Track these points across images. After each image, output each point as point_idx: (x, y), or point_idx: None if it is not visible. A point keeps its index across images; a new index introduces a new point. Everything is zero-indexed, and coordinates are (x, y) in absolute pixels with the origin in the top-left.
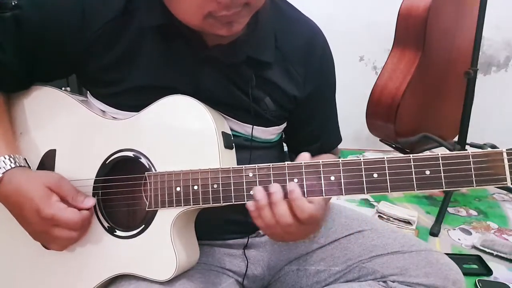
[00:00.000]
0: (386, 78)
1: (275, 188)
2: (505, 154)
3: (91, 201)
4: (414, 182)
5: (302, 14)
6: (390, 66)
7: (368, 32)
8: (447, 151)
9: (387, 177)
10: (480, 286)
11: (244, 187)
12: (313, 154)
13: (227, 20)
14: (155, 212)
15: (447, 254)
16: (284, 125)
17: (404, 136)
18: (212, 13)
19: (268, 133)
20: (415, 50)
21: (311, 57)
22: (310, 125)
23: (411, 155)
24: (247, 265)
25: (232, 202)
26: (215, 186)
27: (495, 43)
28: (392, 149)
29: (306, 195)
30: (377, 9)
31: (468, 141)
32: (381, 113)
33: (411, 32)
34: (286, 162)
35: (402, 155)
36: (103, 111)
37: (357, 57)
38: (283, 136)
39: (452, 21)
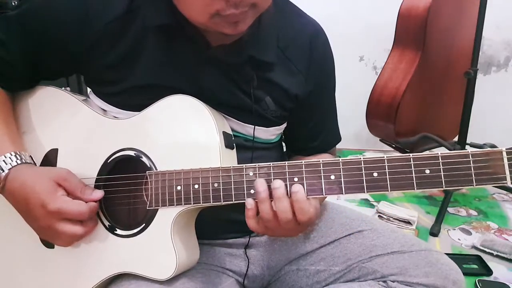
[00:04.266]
0: (386, 78)
1: (278, 183)
2: (504, 154)
3: (99, 194)
4: (414, 181)
5: (303, 13)
6: (390, 66)
7: (368, 32)
8: (447, 151)
9: (387, 176)
10: (480, 286)
11: (245, 185)
12: (312, 153)
13: (234, 20)
14: (155, 211)
15: (447, 254)
16: (285, 125)
17: (404, 136)
18: (219, 12)
19: (269, 133)
20: (415, 50)
21: (313, 54)
22: (310, 121)
23: (411, 154)
24: (248, 264)
25: (232, 201)
26: (216, 185)
27: (495, 43)
28: (392, 149)
29: (306, 194)
30: (377, 9)
31: (468, 141)
32: (381, 113)
33: (411, 32)
34: (286, 162)
35: (402, 154)
36: (105, 110)
37: (357, 57)
38: (282, 136)
39: (452, 21)
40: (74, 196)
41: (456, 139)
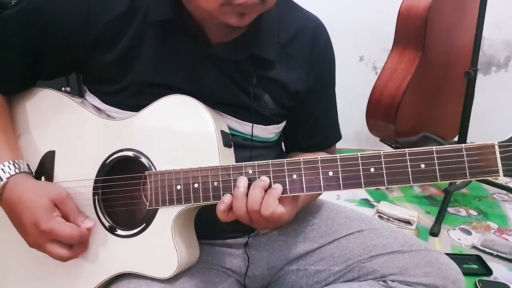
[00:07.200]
0: (386, 78)
1: (266, 178)
2: (497, 147)
3: (90, 223)
4: (410, 176)
5: (303, 9)
6: (390, 66)
7: (368, 32)
8: (442, 146)
9: (384, 171)
10: (480, 286)
11: None
12: (312, 151)
13: (242, 11)
14: (155, 211)
15: (447, 254)
16: (284, 123)
17: (404, 136)
18: (231, 0)
19: (268, 132)
20: (415, 50)
21: (315, 50)
22: (311, 117)
23: (406, 149)
24: (248, 263)
25: None
26: (215, 183)
27: (495, 43)
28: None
29: (305, 191)
30: (377, 9)
31: (468, 141)
32: (381, 113)
33: (411, 32)
34: (285, 159)
35: (398, 149)
36: (99, 109)
37: (357, 57)
38: (282, 136)
39: (452, 21)
40: (67, 220)
41: (456, 139)
